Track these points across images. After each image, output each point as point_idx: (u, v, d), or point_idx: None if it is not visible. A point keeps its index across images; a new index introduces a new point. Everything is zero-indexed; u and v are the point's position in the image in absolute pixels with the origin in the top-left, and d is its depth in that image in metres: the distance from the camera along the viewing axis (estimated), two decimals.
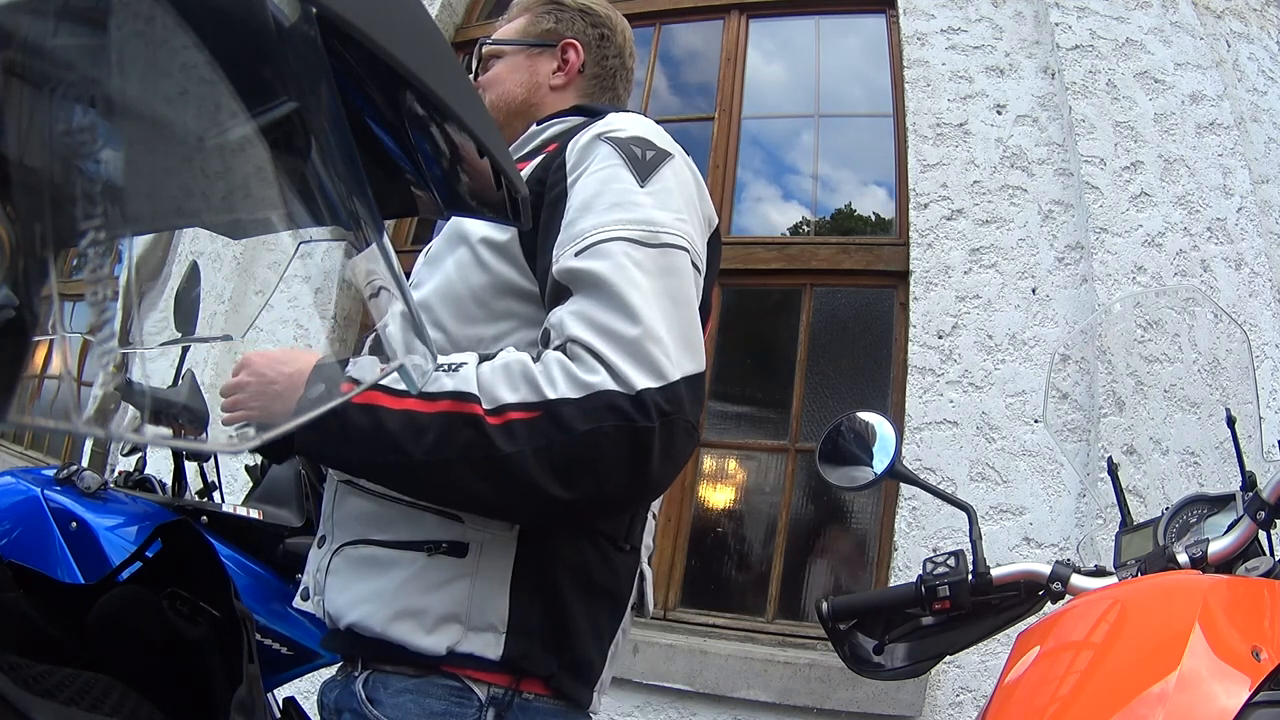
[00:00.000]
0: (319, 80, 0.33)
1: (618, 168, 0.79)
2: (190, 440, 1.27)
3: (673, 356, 0.70)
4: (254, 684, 0.52)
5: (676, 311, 0.73)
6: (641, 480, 0.69)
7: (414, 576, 0.76)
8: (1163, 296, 1.84)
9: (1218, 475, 1.16)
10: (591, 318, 0.70)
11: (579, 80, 1.04)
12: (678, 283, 0.75)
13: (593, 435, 0.66)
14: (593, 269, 0.72)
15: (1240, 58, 2.50)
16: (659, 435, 0.67)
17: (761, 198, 3.04)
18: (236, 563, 1.40)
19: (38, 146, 0.28)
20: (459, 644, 0.75)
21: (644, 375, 0.68)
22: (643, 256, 0.73)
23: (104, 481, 1.44)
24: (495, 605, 0.75)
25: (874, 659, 1.02)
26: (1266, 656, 0.61)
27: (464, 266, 0.84)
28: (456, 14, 3.46)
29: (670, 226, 0.76)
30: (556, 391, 0.67)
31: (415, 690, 0.75)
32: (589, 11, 1.07)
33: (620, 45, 1.08)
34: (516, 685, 0.76)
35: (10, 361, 0.27)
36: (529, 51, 1.04)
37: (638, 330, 0.69)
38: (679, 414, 0.69)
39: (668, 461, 0.69)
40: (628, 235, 0.74)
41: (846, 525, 2.53)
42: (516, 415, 0.68)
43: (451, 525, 0.77)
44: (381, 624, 0.75)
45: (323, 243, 0.41)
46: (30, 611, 0.53)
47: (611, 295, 0.70)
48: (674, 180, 0.81)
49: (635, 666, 2.25)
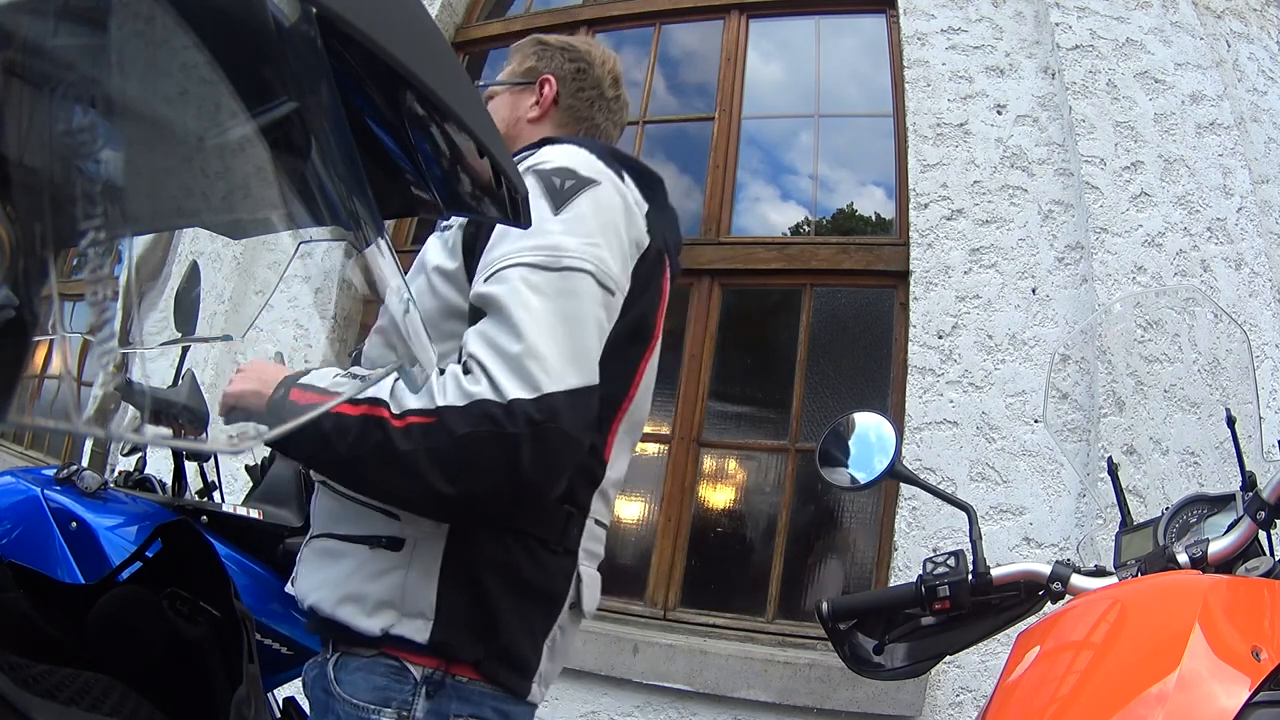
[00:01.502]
0: (319, 80, 0.33)
1: (535, 198, 0.86)
2: (190, 440, 1.28)
3: (551, 370, 0.78)
4: (254, 684, 0.52)
5: (566, 330, 0.81)
6: (514, 480, 0.77)
7: (359, 566, 0.86)
8: (1163, 296, 1.84)
9: (1218, 475, 1.16)
10: (485, 335, 0.80)
11: (554, 112, 1.12)
12: (574, 304, 0.83)
13: (469, 438, 0.75)
14: (492, 292, 0.81)
15: (1240, 58, 2.50)
16: (527, 441, 0.76)
17: (762, 198, 3.04)
18: (236, 563, 1.40)
19: (38, 146, 0.27)
20: (393, 627, 0.84)
21: (517, 386, 0.77)
22: (539, 280, 0.82)
23: (104, 481, 1.44)
24: (425, 594, 0.84)
25: (874, 659, 1.02)
26: (1266, 656, 0.61)
27: (420, 293, 0.93)
28: (456, 14, 3.46)
29: (575, 251, 0.85)
30: (446, 399, 0.77)
31: (364, 669, 0.85)
32: (569, 48, 1.15)
33: (599, 77, 1.14)
34: (446, 668, 0.84)
35: (10, 361, 0.27)
36: (514, 90, 1.14)
37: (519, 347, 0.78)
38: (551, 423, 0.77)
39: (539, 465, 0.77)
40: (528, 261, 0.83)
41: (846, 525, 2.53)
42: (415, 420, 0.77)
43: (391, 523, 0.86)
44: (331, 606, 0.86)
45: (323, 243, 0.41)
46: (30, 611, 0.53)
47: (503, 316, 0.80)
48: (590, 207, 0.89)
49: (635, 666, 2.25)
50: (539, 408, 0.76)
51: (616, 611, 2.45)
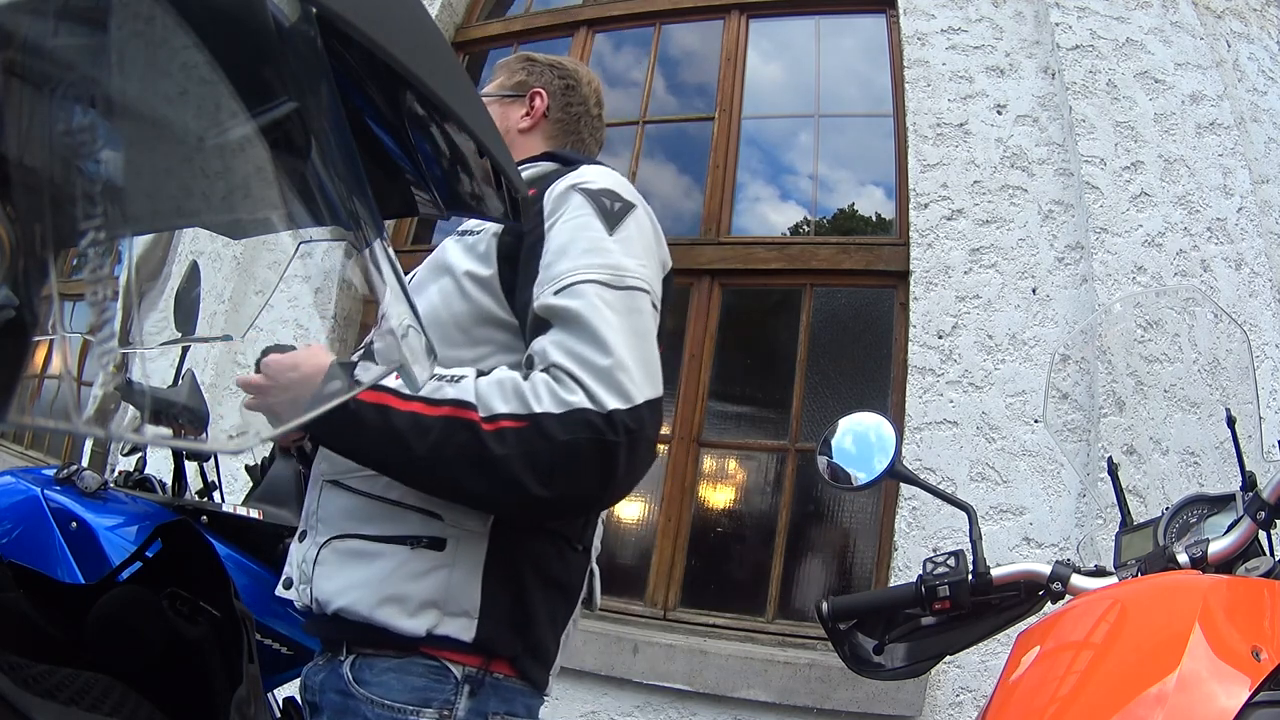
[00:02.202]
0: (319, 80, 0.33)
1: (590, 217, 0.91)
2: (190, 440, 1.28)
3: (638, 383, 0.81)
4: (254, 684, 0.52)
5: (640, 345, 0.85)
6: (608, 485, 0.81)
7: (398, 567, 0.86)
8: (1163, 296, 1.84)
9: (1218, 475, 1.16)
10: (570, 348, 0.82)
11: (544, 124, 1.16)
12: (641, 320, 0.87)
13: (571, 445, 0.78)
14: (570, 306, 0.84)
15: (1240, 58, 2.50)
16: (624, 449, 0.79)
17: (762, 198, 3.04)
18: (236, 563, 1.40)
19: (38, 146, 0.27)
20: (437, 627, 0.85)
21: (614, 398, 0.79)
22: (612, 297, 0.85)
23: (104, 481, 1.44)
24: (469, 593, 0.86)
25: (874, 659, 1.02)
26: (1266, 656, 0.61)
27: (448, 295, 0.95)
28: (456, 14, 3.46)
29: (634, 271, 0.89)
30: (542, 406, 0.79)
31: (398, 669, 0.85)
32: (558, 65, 1.20)
33: (585, 95, 1.19)
34: (487, 665, 0.86)
35: (10, 361, 0.27)
36: (503, 101, 1.18)
37: (610, 360, 0.81)
38: (642, 432, 0.81)
39: (631, 471, 0.81)
40: (598, 278, 0.86)
41: (847, 525, 2.53)
42: (508, 424, 0.79)
43: (431, 522, 0.87)
44: (368, 608, 0.85)
45: (323, 243, 0.41)
46: (30, 611, 0.53)
47: (586, 329, 0.82)
48: (636, 230, 0.93)
49: (635, 666, 2.26)
50: (633, 418, 0.79)
51: (616, 611, 2.45)
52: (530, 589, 0.89)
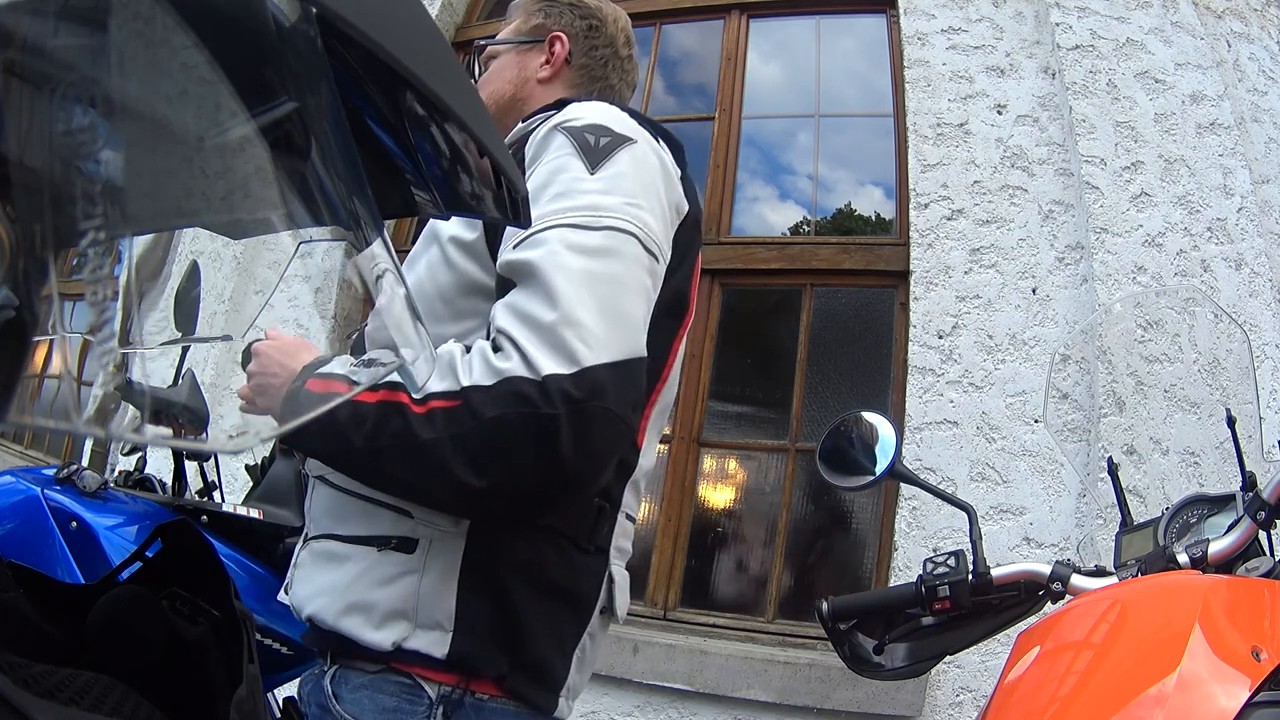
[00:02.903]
0: (319, 80, 0.33)
1: (568, 157, 0.79)
2: (190, 440, 1.28)
3: (591, 341, 0.68)
4: (254, 684, 0.52)
5: (609, 294, 0.71)
6: (553, 469, 0.67)
7: (365, 571, 0.77)
8: (1163, 296, 1.84)
9: (1218, 475, 1.16)
10: (515, 306, 0.71)
11: (566, 71, 1.04)
12: (618, 265, 0.73)
13: (498, 421, 0.66)
14: (526, 258, 0.72)
15: (1240, 58, 2.50)
16: (566, 422, 0.66)
17: (762, 197, 3.04)
18: (236, 563, 1.40)
19: (38, 146, 0.27)
20: (406, 640, 0.75)
21: (553, 361, 0.67)
22: (579, 239, 0.73)
23: (104, 481, 1.44)
24: (442, 602, 0.75)
25: (874, 659, 1.02)
26: (1266, 657, 0.61)
27: (433, 266, 0.85)
28: (456, 14, 3.46)
29: (616, 210, 0.76)
30: (471, 379, 0.68)
31: (370, 686, 0.76)
32: (578, 4, 1.06)
33: (612, 35, 1.07)
34: (466, 685, 0.75)
35: (10, 361, 0.27)
36: (520, 49, 1.05)
37: (554, 315, 0.68)
38: (593, 400, 0.67)
39: (582, 450, 0.67)
40: (566, 221, 0.73)
41: (846, 525, 2.53)
42: (438, 404, 0.68)
43: (402, 521, 0.77)
44: (333, 617, 0.76)
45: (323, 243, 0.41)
46: (30, 611, 0.53)
47: (537, 282, 0.70)
48: (630, 165, 0.80)
49: (635, 666, 2.25)
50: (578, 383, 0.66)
51: None
52: (519, 597, 0.77)
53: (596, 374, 0.68)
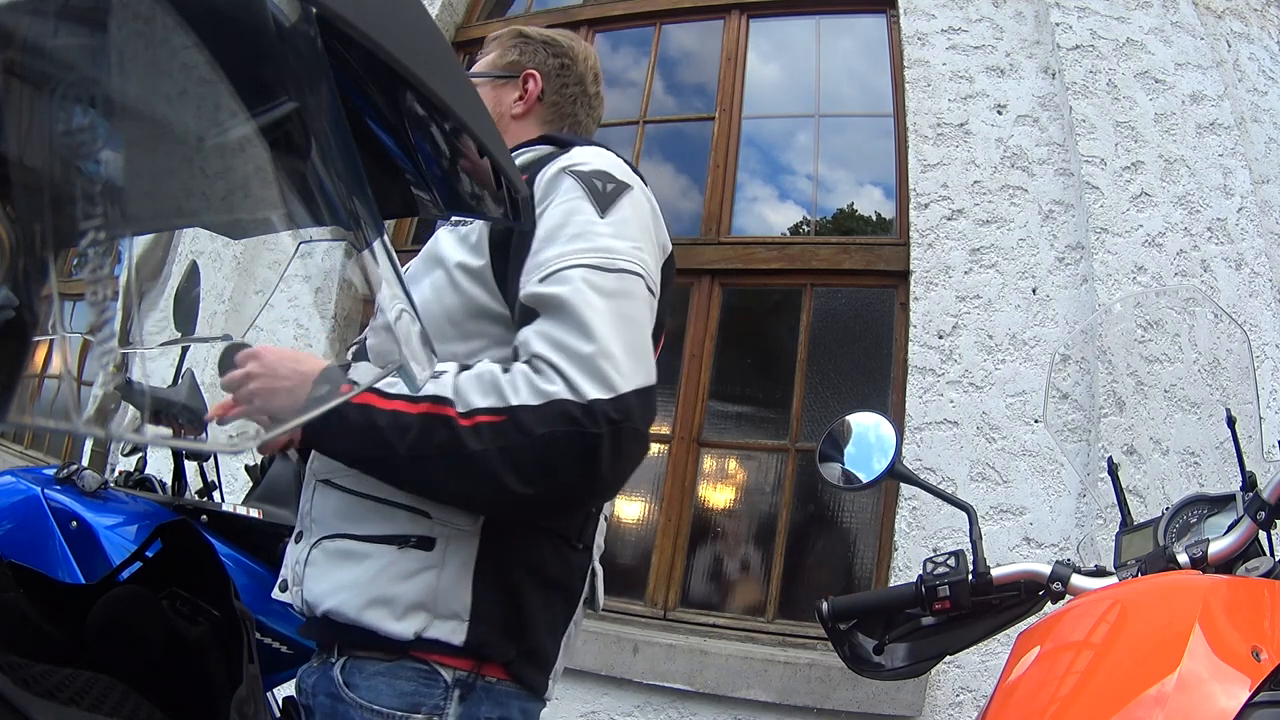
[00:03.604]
0: (319, 80, 0.33)
1: (580, 200, 0.87)
2: (190, 440, 1.28)
3: (623, 371, 0.78)
4: (254, 684, 0.52)
5: (629, 330, 0.81)
6: (592, 480, 0.77)
7: (386, 568, 0.83)
8: (1163, 296, 1.84)
9: (1218, 475, 1.16)
10: (552, 336, 0.79)
11: (539, 108, 1.11)
12: (631, 305, 0.83)
13: (548, 438, 0.75)
14: (554, 293, 0.80)
15: (1240, 58, 2.50)
16: (607, 440, 0.75)
17: (762, 197, 3.04)
18: (236, 562, 1.40)
19: (38, 146, 0.27)
20: (426, 630, 0.82)
21: (595, 387, 0.76)
22: (600, 281, 0.82)
23: (104, 481, 1.44)
24: (459, 595, 0.83)
25: (874, 659, 1.02)
26: (1266, 657, 0.61)
27: (439, 288, 0.92)
28: (456, 14, 3.46)
29: (626, 254, 0.85)
30: (519, 398, 0.76)
31: (387, 673, 0.82)
32: (551, 42, 1.14)
33: (581, 74, 1.14)
34: (479, 669, 0.83)
35: (10, 361, 0.27)
36: (495, 83, 1.12)
37: (592, 348, 0.77)
38: (627, 422, 0.77)
39: (617, 464, 0.77)
40: (587, 262, 0.82)
41: (847, 525, 2.53)
42: (485, 419, 0.76)
43: (420, 521, 0.84)
44: (355, 610, 0.82)
45: (323, 243, 0.41)
46: (30, 611, 0.53)
47: (570, 316, 0.79)
48: (632, 211, 0.89)
49: (635, 666, 2.26)
50: (616, 407, 0.76)
51: (616, 611, 2.45)
52: (525, 590, 0.86)
53: (628, 399, 0.77)
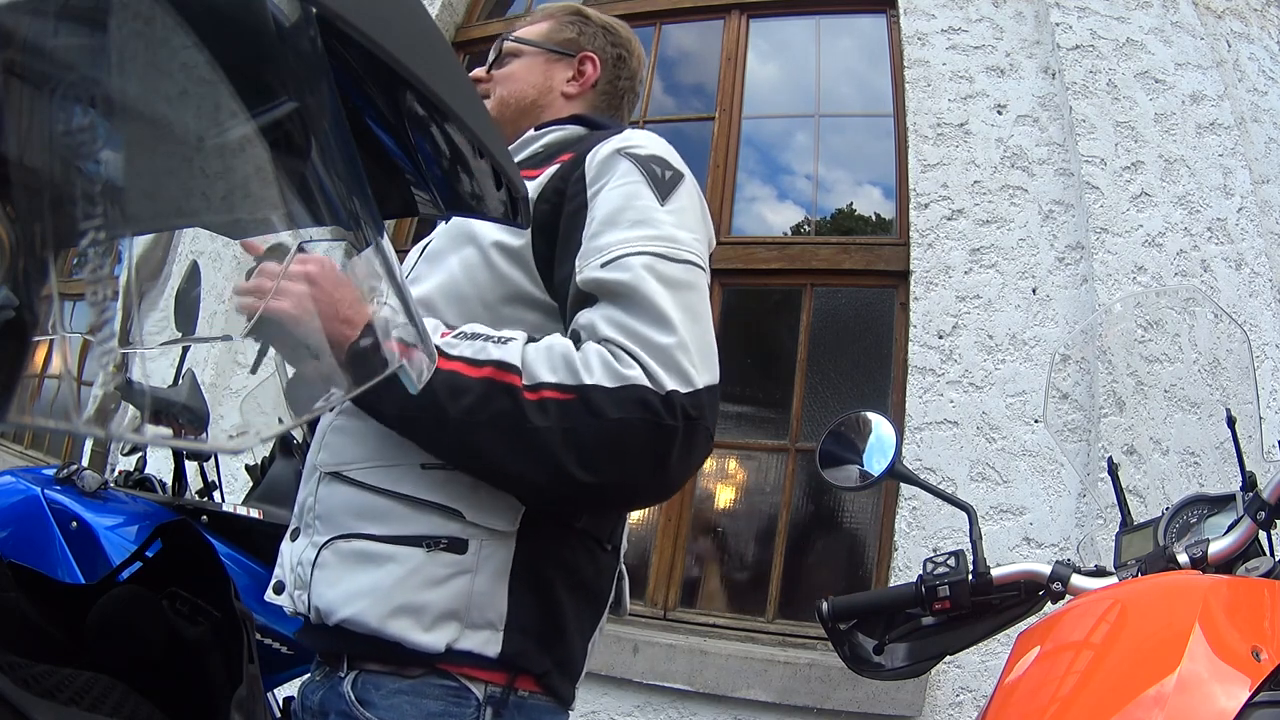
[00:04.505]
0: (319, 80, 0.33)
1: (639, 184, 0.82)
2: (190, 440, 1.27)
3: (700, 365, 0.73)
4: (254, 684, 0.52)
5: (698, 325, 0.76)
6: (660, 475, 0.72)
7: (412, 572, 0.75)
8: (1163, 296, 1.84)
9: (1218, 475, 1.16)
10: (624, 324, 0.73)
11: (590, 94, 1.07)
12: (697, 297, 0.78)
13: (621, 424, 0.69)
14: (622, 279, 0.75)
15: (1240, 58, 2.50)
16: (681, 435, 0.70)
17: (762, 197, 3.04)
18: (236, 562, 1.40)
19: (38, 146, 0.27)
20: (458, 641, 0.75)
21: (674, 379, 0.71)
22: (668, 271, 0.76)
23: (104, 481, 1.44)
24: (494, 602, 0.76)
25: (874, 659, 1.02)
26: (1266, 657, 0.61)
27: (471, 267, 0.84)
28: (456, 14, 3.46)
29: (689, 245, 0.80)
30: (593, 378, 0.70)
31: (411, 691, 0.75)
32: (612, 30, 1.10)
33: (634, 69, 1.11)
34: (512, 683, 0.76)
35: (10, 361, 0.27)
36: (548, 56, 1.07)
37: (672, 339, 0.72)
38: (701, 420, 0.72)
39: (685, 461, 0.73)
40: (653, 250, 0.77)
41: (846, 525, 2.53)
42: (551, 394, 0.70)
43: (450, 521, 0.77)
44: (378, 620, 0.74)
45: (323, 243, 0.41)
46: (30, 611, 0.53)
47: (643, 305, 0.74)
48: (689, 201, 0.84)
49: (635, 666, 2.25)
50: (693, 403, 0.71)
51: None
52: (560, 595, 0.79)
53: (703, 396, 0.73)
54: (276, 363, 0.46)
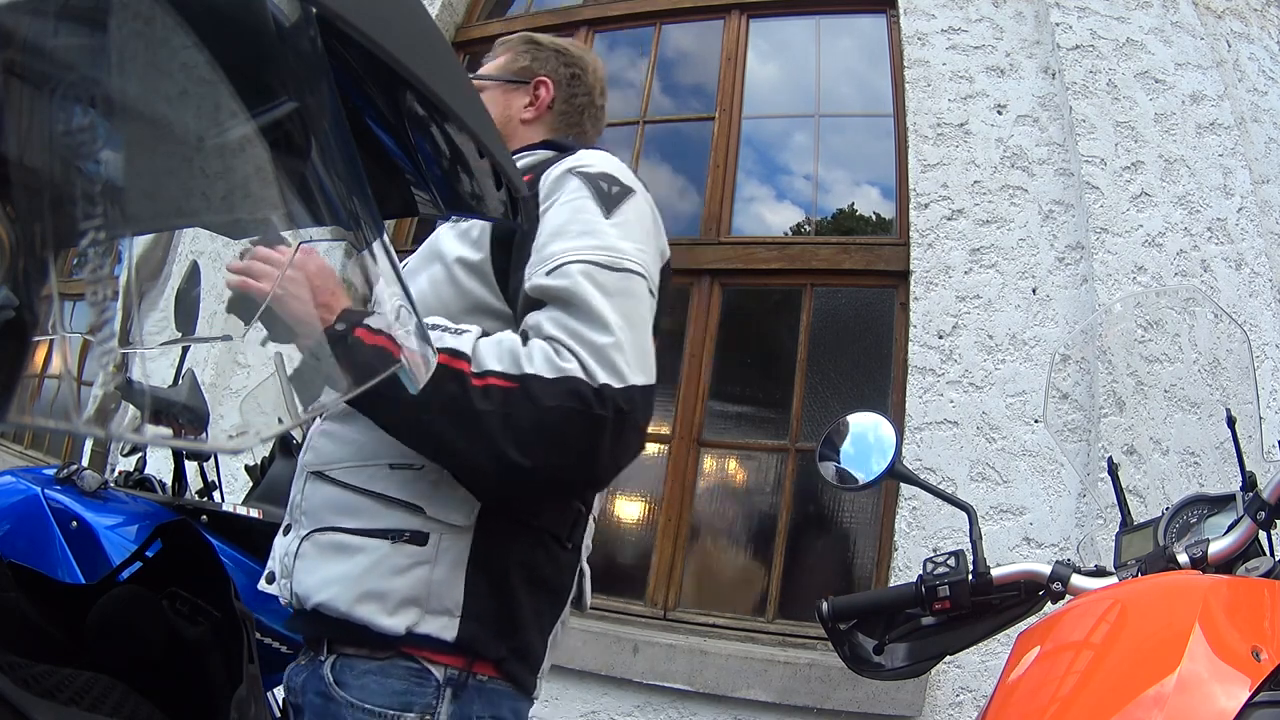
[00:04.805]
0: (319, 80, 0.33)
1: (586, 199, 0.88)
2: (190, 440, 1.28)
3: (634, 365, 0.79)
4: (254, 684, 0.52)
5: (634, 329, 0.82)
6: (590, 463, 0.77)
7: (378, 562, 0.83)
8: (1163, 296, 1.84)
9: (1218, 475, 1.15)
10: (565, 324, 0.80)
11: (548, 115, 1.12)
12: (636, 305, 0.84)
13: (555, 411, 0.75)
14: (564, 285, 0.81)
15: (1240, 58, 2.50)
16: (611, 427, 0.76)
17: (762, 198, 3.04)
18: (237, 562, 1.40)
19: (38, 146, 0.27)
20: (417, 625, 0.81)
21: (607, 374, 0.77)
22: (606, 279, 0.83)
23: (104, 481, 1.44)
24: (451, 591, 0.83)
25: (874, 659, 1.02)
26: (1266, 657, 0.61)
27: (438, 283, 0.92)
28: (456, 14, 3.46)
29: (631, 255, 0.86)
30: (533, 368, 0.77)
31: (378, 672, 0.82)
32: (564, 52, 1.15)
33: (590, 85, 1.16)
34: (470, 667, 0.83)
35: (10, 361, 0.27)
36: (505, 87, 1.13)
37: (609, 339, 0.78)
38: (631, 415, 0.78)
39: (615, 452, 0.78)
40: (593, 259, 0.83)
41: (847, 525, 2.53)
42: (496, 382, 0.76)
43: (413, 516, 0.84)
44: (347, 604, 0.82)
45: (323, 242, 0.41)
46: (30, 611, 0.53)
47: (582, 308, 0.80)
48: (634, 215, 0.91)
49: (635, 666, 2.25)
50: (625, 397, 0.77)
51: (616, 611, 2.45)
52: (517, 588, 0.86)
53: (635, 393, 0.78)
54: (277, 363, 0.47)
